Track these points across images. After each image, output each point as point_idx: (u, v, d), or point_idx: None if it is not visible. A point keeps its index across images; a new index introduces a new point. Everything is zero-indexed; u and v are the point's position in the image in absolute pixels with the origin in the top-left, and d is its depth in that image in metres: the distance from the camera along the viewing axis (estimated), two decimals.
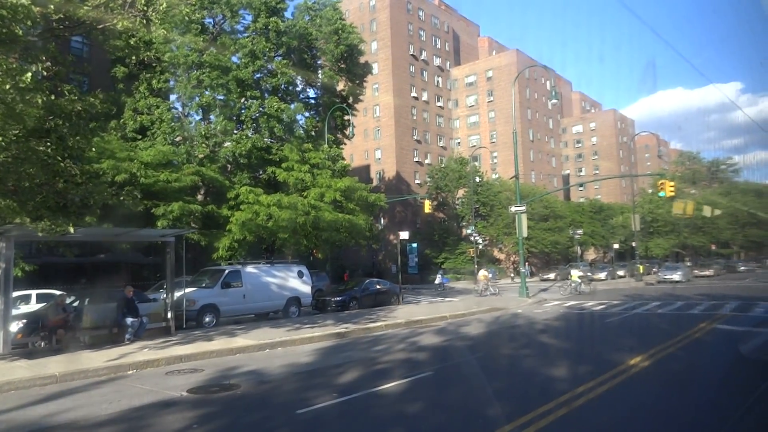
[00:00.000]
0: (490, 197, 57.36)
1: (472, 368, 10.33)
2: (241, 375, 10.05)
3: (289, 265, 22.24)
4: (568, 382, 8.58)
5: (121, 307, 14.22)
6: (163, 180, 22.54)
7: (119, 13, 10.64)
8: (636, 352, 10.87)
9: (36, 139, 10.66)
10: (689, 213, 39.36)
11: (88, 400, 8.42)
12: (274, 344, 13.42)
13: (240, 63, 28.54)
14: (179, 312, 16.58)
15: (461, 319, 18.81)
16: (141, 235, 16.80)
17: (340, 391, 8.42)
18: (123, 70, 27.65)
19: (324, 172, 26.73)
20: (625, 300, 24.68)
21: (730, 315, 17.38)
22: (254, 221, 22.40)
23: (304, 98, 32.97)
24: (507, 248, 58.47)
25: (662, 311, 19.51)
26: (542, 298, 26.93)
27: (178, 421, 7.13)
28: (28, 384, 9.54)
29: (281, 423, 7.08)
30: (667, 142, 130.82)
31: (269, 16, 29.03)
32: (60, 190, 11.38)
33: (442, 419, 7.02)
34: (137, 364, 11.00)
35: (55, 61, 11.34)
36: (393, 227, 55.65)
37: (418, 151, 66.92)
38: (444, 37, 75.03)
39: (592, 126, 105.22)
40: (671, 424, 6.61)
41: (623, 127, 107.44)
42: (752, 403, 7.13)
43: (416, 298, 29.93)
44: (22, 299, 15.46)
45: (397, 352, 12.43)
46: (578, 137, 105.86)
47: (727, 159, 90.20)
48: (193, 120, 29.48)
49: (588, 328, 17.02)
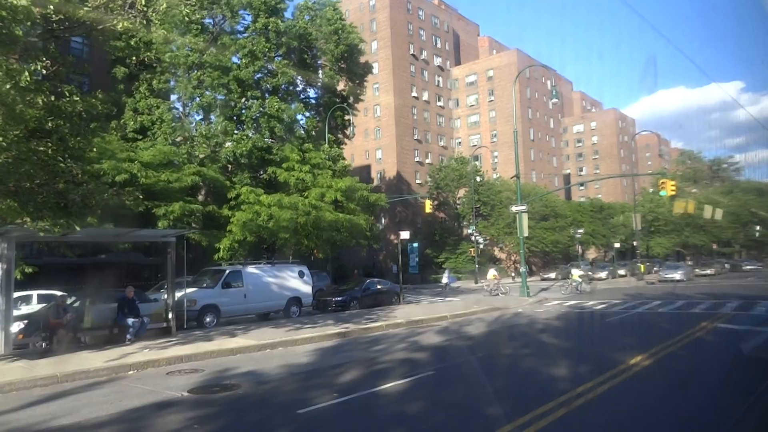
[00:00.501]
0: (490, 197, 57.33)
1: (473, 368, 10.32)
2: (241, 375, 10.05)
3: (289, 265, 22.23)
4: (569, 381, 8.57)
5: (122, 308, 14.24)
6: (164, 180, 22.56)
7: (119, 14, 10.65)
8: (637, 351, 10.85)
9: (36, 139, 10.67)
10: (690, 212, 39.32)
11: (89, 401, 8.42)
12: (274, 344, 13.42)
13: (240, 63, 28.57)
14: (180, 312, 16.58)
15: (462, 319, 18.80)
16: (142, 236, 16.81)
17: (340, 391, 8.41)
18: (123, 70, 27.67)
19: (324, 172, 26.76)
20: (626, 299, 24.66)
21: (732, 314, 17.35)
22: (255, 221, 22.41)
23: (305, 98, 33.02)
24: (508, 248, 58.44)
25: (663, 310, 19.49)
26: (543, 298, 26.92)
27: (179, 421, 7.13)
28: (29, 384, 9.55)
29: (282, 423, 7.07)
30: (668, 141, 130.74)
31: (269, 17, 29.05)
32: (61, 191, 11.38)
33: (442, 419, 7.01)
34: (138, 365, 11.01)
35: (55, 61, 11.33)
36: (394, 227, 55.61)
37: (419, 150, 66.90)
38: (444, 36, 75.00)
39: (593, 125, 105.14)
40: (672, 424, 6.60)
41: (624, 127, 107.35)
42: (753, 402, 7.11)
43: (417, 298, 29.93)
44: (23, 300, 15.47)
45: (397, 351, 12.42)
46: (579, 136, 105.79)
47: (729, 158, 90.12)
48: (193, 120, 29.53)
49: (589, 328, 17.00)
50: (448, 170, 59.66)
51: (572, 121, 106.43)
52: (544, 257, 63.36)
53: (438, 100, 72.35)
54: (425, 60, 70.48)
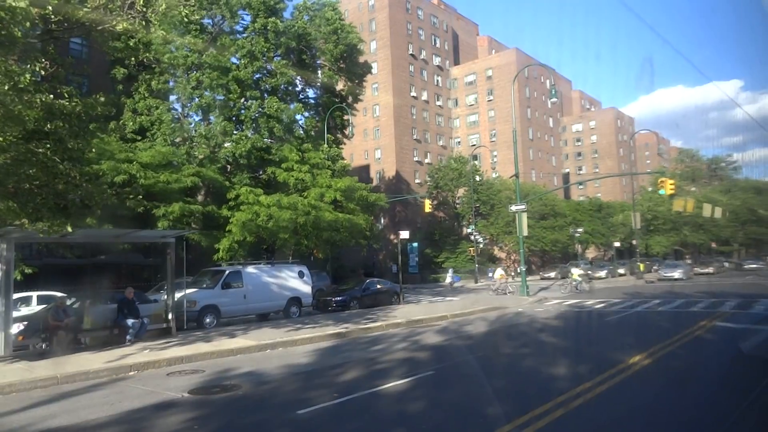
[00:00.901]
0: (490, 196, 57.36)
1: (472, 368, 10.34)
2: (241, 376, 10.06)
3: (289, 266, 22.23)
4: (568, 381, 8.58)
5: (122, 309, 14.24)
6: (163, 181, 22.55)
7: (118, 15, 10.65)
8: (636, 350, 10.87)
9: (35, 141, 10.67)
10: (689, 210, 39.37)
11: (90, 402, 8.43)
12: (274, 344, 13.43)
13: (239, 63, 28.55)
14: (180, 313, 16.59)
15: (462, 319, 18.82)
16: (141, 236, 16.79)
17: (340, 391, 8.43)
18: (122, 71, 27.64)
19: (324, 172, 26.76)
20: (625, 298, 24.69)
21: (731, 313, 17.38)
22: (254, 222, 22.41)
23: (304, 98, 33.01)
24: (508, 247, 58.47)
25: (662, 309, 19.52)
26: (542, 297, 26.93)
27: (180, 422, 7.14)
28: (29, 386, 9.55)
29: (282, 423, 7.09)
30: (667, 140, 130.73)
31: (268, 17, 29.04)
32: (60, 192, 11.38)
33: (442, 419, 7.03)
34: (138, 366, 11.01)
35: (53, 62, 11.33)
36: (393, 227, 55.61)
37: (418, 150, 66.91)
38: (443, 36, 75.00)
39: (592, 124, 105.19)
40: (671, 423, 6.62)
41: (623, 126, 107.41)
42: (752, 400, 7.13)
43: (417, 298, 29.95)
44: (22, 301, 15.45)
45: (397, 351, 12.43)
46: (578, 136, 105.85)
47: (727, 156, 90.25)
48: (192, 121, 29.52)
49: (588, 327, 17.01)
50: (447, 170, 59.68)
51: (571, 120, 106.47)
52: (544, 256, 63.42)
53: (437, 99, 72.35)
54: (424, 59, 70.47)
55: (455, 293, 33.91)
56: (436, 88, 72.44)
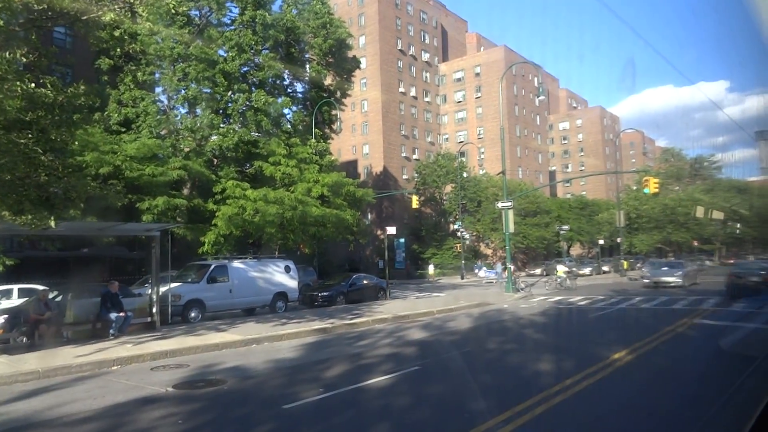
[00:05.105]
0: (477, 193, 57.62)
1: (457, 363, 10.40)
2: (226, 370, 10.01)
3: (275, 260, 22.15)
4: (553, 376, 8.67)
5: (105, 302, 14.07)
6: (148, 174, 22.31)
7: (104, 5, 10.48)
8: (619, 346, 11.02)
9: (17, 131, 10.47)
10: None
11: (72, 396, 8.33)
12: (260, 339, 13.38)
13: (226, 56, 28.28)
14: (164, 307, 16.43)
15: (447, 315, 18.91)
16: (125, 230, 16.60)
17: (326, 386, 8.43)
18: (108, 62, 27.24)
19: (311, 166, 26.66)
20: (609, 295, 24.98)
21: (711, 310, 17.67)
22: (241, 216, 22.28)
23: (292, 92, 32.85)
24: (494, 244, 58.82)
25: (645, 306, 19.78)
26: (528, 293, 27.15)
27: (163, 416, 7.09)
28: (9, 380, 9.41)
29: (268, 418, 7.07)
30: (653, 139, 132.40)
31: (256, 9, 28.80)
32: (42, 184, 11.19)
33: (426, 414, 7.07)
34: (121, 360, 10.91)
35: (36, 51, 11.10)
36: (380, 222, 55.68)
37: (406, 146, 66.92)
38: (432, 32, 74.99)
39: (579, 123, 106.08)
40: (652, 418, 6.72)
41: (609, 125, 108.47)
42: (731, 395, 7.26)
43: (403, 293, 30.01)
44: (3, 294, 15.21)
45: (383, 347, 12.46)
46: (565, 134, 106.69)
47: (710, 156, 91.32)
48: (179, 113, 29.21)
49: (573, 323, 17.18)
50: (434, 166, 59.82)
51: (558, 118, 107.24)
52: (529, 253, 63.88)
53: (425, 95, 72.38)
54: (413, 55, 70.42)
55: (439, 289, 34.04)
56: (424, 84, 72.45)
